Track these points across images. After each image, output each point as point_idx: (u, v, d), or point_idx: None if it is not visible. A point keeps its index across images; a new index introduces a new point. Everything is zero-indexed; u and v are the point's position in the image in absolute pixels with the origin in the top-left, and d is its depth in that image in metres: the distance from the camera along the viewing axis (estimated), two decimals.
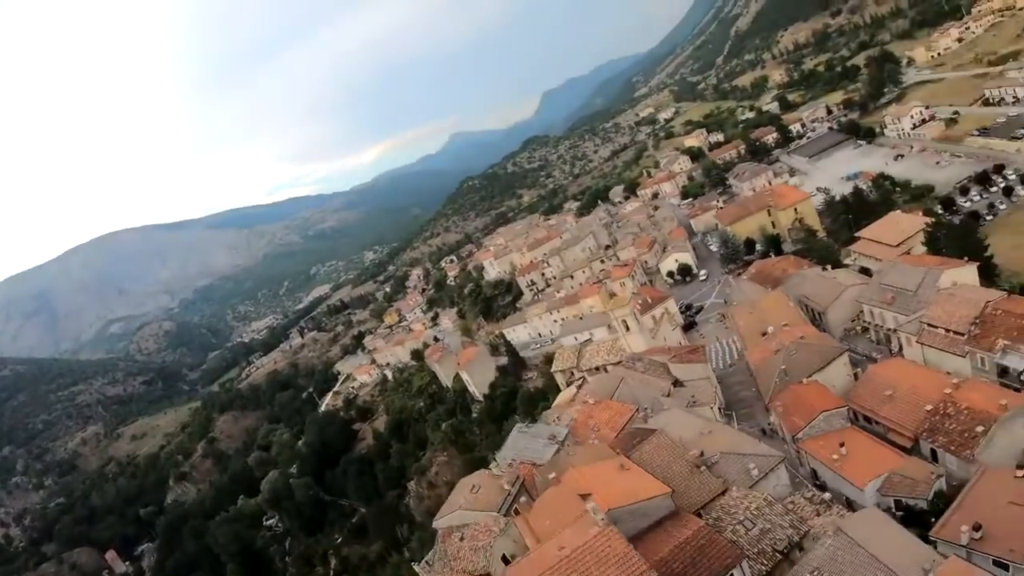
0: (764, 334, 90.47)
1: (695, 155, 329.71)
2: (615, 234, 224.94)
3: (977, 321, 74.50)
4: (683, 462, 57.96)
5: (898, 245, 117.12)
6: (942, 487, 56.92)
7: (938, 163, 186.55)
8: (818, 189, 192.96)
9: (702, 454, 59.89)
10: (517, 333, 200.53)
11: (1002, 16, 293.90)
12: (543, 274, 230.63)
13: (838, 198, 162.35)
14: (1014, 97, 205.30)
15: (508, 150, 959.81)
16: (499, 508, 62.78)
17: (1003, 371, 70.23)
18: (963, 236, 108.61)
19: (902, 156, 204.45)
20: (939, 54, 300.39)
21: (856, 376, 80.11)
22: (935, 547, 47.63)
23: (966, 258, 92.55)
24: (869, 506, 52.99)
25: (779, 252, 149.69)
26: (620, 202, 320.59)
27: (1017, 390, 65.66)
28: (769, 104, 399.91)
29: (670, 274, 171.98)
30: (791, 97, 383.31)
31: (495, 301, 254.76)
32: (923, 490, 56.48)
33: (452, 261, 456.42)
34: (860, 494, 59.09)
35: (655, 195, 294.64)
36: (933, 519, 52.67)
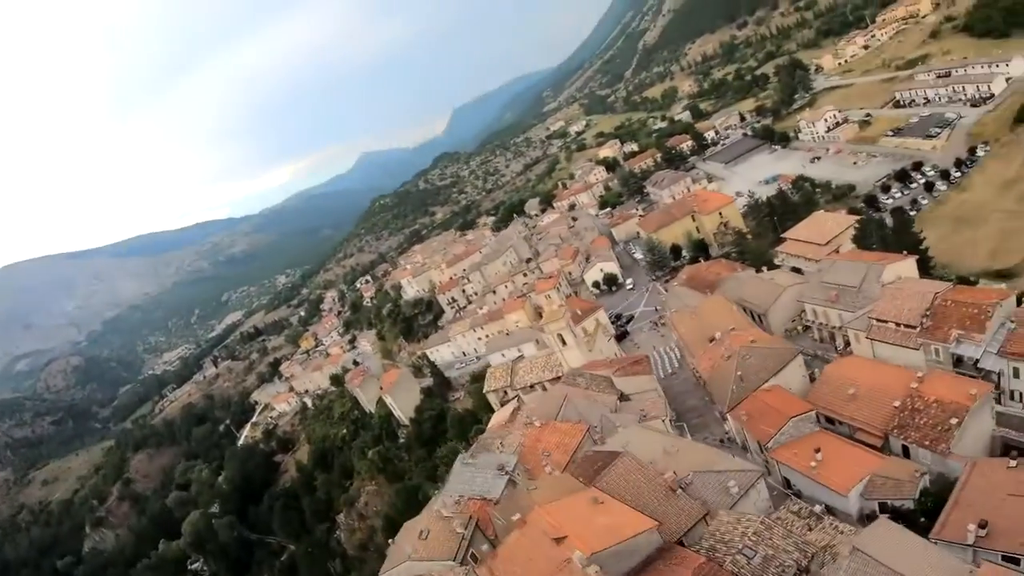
0: (712, 340, 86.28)
1: (610, 165, 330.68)
2: (536, 246, 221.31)
3: (928, 313, 73.45)
4: (656, 486, 51.97)
5: (827, 244, 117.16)
6: (926, 485, 54.17)
7: (855, 163, 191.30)
8: (737, 193, 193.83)
9: (675, 475, 54.22)
10: (441, 353, 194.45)
11: (906, 24, 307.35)
12: (464, 290, 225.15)
13: (762, 200, 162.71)
14: (924, 99, 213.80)
15: (419, 168, 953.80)
16: (454, 556, 54.95)
17: (958, 360, 69.72)
18: (900, 230, 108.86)
19: (819, 158, 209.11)
20: (846, 61, 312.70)
21: (811, 377, 77.01)
22: None
23: (905, 252, 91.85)
24: (880, 517, 48.98)
25: (707, 257, 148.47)
26: (537, 215, 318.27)
27: (973, 378, 64.76)
28: (681, 114, 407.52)
29: (596, 284, 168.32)
30: (702, 106, 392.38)
31: (415, 320, 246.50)
32: (909, 490, 53.55)
33: (368, 281, 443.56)
34: (843, 500, 55.62)
35: (572, 206, 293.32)
36: (923, 518, 50.08)
